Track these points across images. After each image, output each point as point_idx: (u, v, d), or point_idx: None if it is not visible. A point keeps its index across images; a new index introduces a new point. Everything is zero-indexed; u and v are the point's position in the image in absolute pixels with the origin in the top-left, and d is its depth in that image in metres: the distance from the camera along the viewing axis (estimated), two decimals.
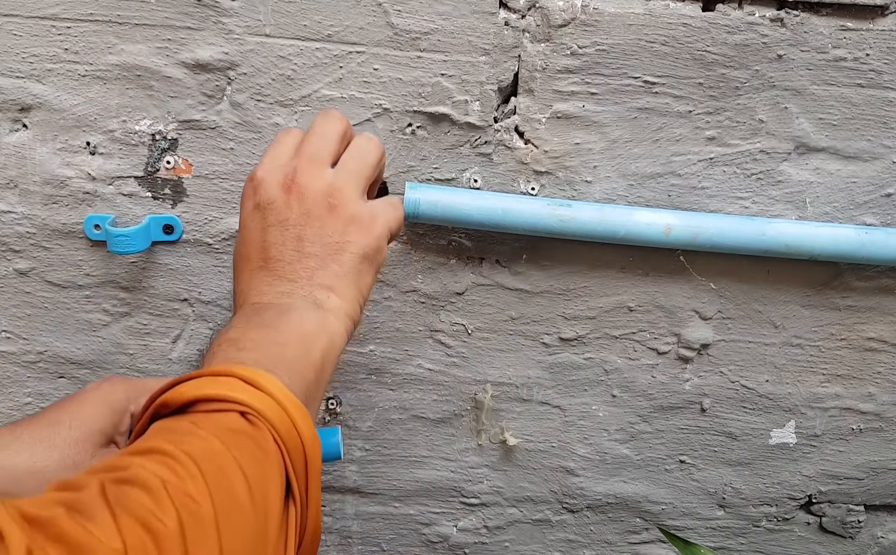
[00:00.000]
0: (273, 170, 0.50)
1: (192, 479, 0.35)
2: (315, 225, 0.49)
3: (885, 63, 0.63)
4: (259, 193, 0.50)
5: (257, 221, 0.50)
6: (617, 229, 0.63)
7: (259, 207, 0.50)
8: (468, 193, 0.63)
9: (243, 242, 0.51)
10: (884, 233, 0.66)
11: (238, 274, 0.51)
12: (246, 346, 0.45)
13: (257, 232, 0.50)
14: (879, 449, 0.78)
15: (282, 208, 0.50)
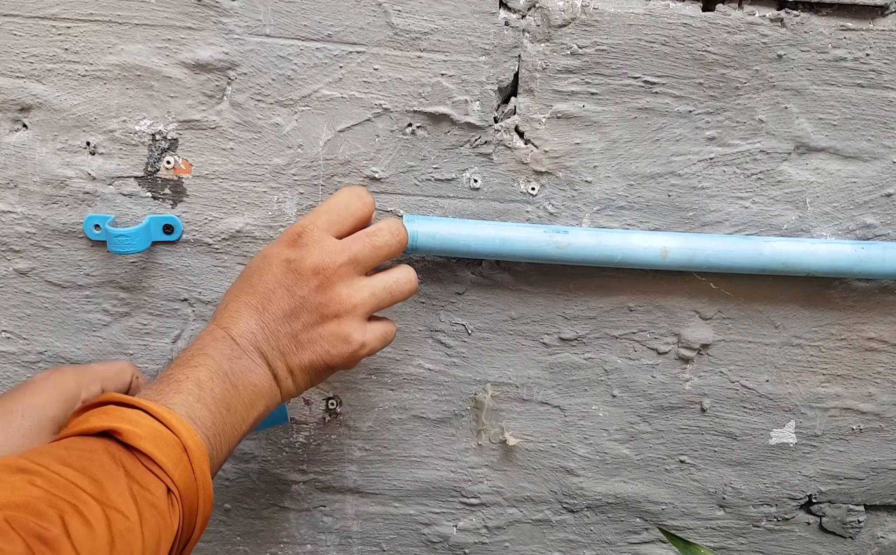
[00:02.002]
0: (322, 247, 0.53)
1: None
2: (317, 323, 0.53)
3: (885, 63, 0.63)
4: (297, 253, 0.53)
5: (279, 270, 0.53)
6: (614, 254, 0.64)
7: (290, 263, 0.53)
8: (466, 224, 0.64)
9: (258, 272, 0.54)
10: (881, 247, 0.66)
11: (238, 291, 0.55)
12: (201, 390, 0.49)
13: (272, 278, 0.53)
14: (879, 449, 0.78)
15: (303, 286, 0.53)
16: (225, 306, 0.54)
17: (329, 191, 0.66)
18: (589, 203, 0.67)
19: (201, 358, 0.50)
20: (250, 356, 0.52)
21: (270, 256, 0.54)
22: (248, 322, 0.52)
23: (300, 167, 0.65)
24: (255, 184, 0.65)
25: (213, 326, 0.53)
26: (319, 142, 0.64)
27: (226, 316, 0.53)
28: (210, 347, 0.51)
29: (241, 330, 0.52)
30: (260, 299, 0.53)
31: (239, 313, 0.53)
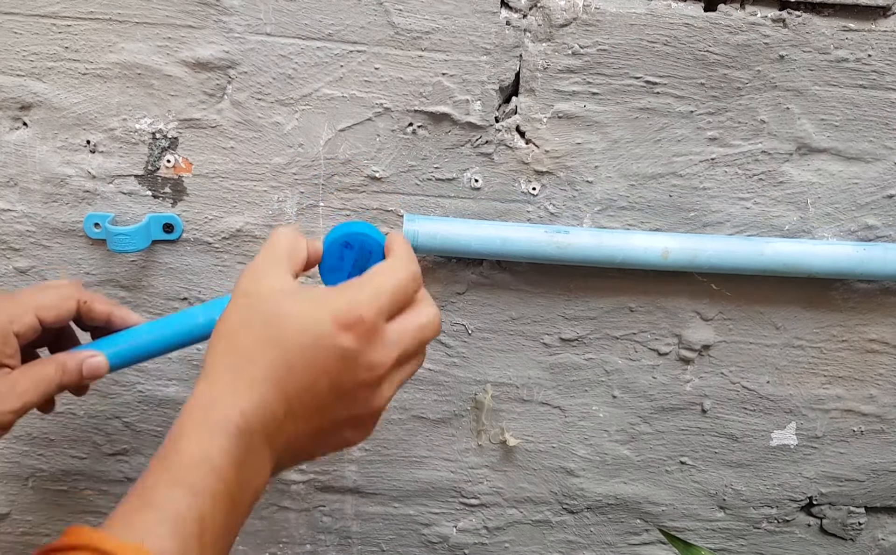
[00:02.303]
0: (383, 342, 0.44)
1: None
2: (347, 422, 0.45)
3: (887, 64, 0.63)
4: (357, 345, 0.43)
5: (330, 358, 0.43)
6: (615, 254, 0.64)
7: (345, 353, 0.43)
8: (466, 224, 0.64)
9: (299, 349, 0.42)
10: (882, 248, 0.66)
11: (264, 358, 0.42)
12: (202, 532, 0.39)
13: (318, 364, 0.43)
14: (880, 451, 0.78)
15: (349, 382, 0.44)
16: (245, 372, 0.42)
17: (330, 191, 0.66)
18: (590, 203, 0.67)
19: (204, 471, 0.40)
20: (260, 455, 0.42)
21: (320, 335, 0.42)
22: (271, 409, 0.42)
23: (301, 166, 0.65)
24: (255, 183, 0.65)
25: (227, 403, 0.41)
26: (320, 141, 0.64)
27: (244, 393, 0.42)
28: (216, 449, 0.40)
29: (259, 420, 0.42)
30: (293, 384, 0.42)
31: (263, 397, 0.42)
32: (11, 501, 0.76)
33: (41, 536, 0.78)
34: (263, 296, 0.44)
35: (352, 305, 0.43)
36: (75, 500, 0.76)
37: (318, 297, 0.44)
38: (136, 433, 0.74)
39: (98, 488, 0.76)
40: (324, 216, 0.67)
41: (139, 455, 0.75)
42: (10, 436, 0.73)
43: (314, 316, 0.43)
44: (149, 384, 0.72)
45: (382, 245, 0.49)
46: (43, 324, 0.53)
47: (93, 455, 0.74)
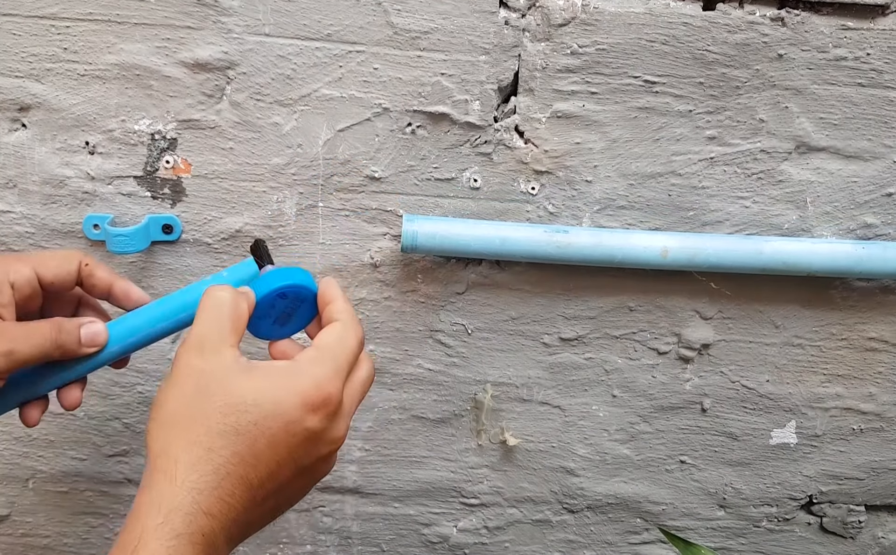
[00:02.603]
0: (345, 416, 0.45)
1: None
2: (304, 486, 0.45)
3: (885, 62, 0.63)
4: (323, 424, 0.43)
5: (296, 441, 0.42)
6: (614, 254, 0.64)
7: (311, 434, 0.42)
8: (465, 223, 0.64)
9: (268, 437, 0.41)
10: (881, 247, 0.66)
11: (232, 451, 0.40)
12: None
13: (284, 448, 0.42)
14: (880, 449, 0.78)
15: (313, 455, 0.44)
16: (208, 467, 0.40)
17: (329, 191, 0.66)
18: (589, 203, 0.67)
19: None
20: (221, 553, 0.41)
21: (290, 421, 0.41)
22: (236, 506, 0.40)
23: (300, 167, 0.65)
24: (254, 183, 0.65)
25: (190, 506, 0.38)
26: (319, 141, 0.64)
27: (209, 492, 0.39)
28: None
29: (223, 519, 0.40)
30: (258, 474, 0.41)
31: (230, 494, 0.40)
32: (11, 502, 0.76)
33: (41, 537, 0.78)
34: (217, 376, 0.42)
35: (318, 384, 0.42)
36: (75, 501, 0.76)
37: (280, 377, 0.42)
38: (135, 435, 0.74)
39: (98, 490, 0.76)
40: (323, 216, 0.67)
41: (139, 456, 0.75)
42: (10, 437, 0.73)
43: (282, 401, 0.41)
44: (149, 385, 0.72)
45: (315, 294, 0.48)
46: (41, 281, 0.49)
47: (93, 457, 0.74)
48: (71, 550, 0.79)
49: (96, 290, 0.53)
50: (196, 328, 0.44)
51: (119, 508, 0.77)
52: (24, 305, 0.49)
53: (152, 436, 0.42)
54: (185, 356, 0.43)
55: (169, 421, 0.41)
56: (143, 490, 0.40)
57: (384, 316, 0.70)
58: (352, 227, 0.67)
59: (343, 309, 0.47)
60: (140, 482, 0.41)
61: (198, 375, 0.42)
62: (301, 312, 0.49)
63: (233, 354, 0.43)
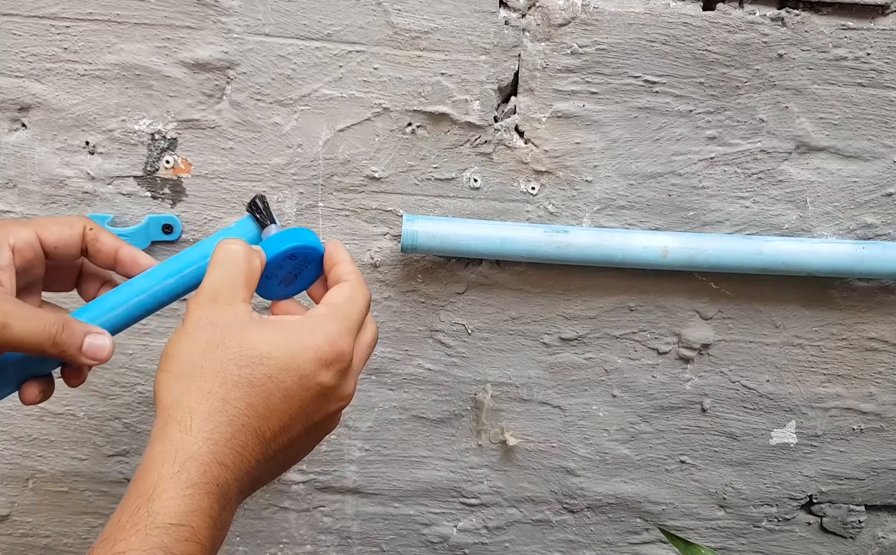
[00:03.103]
0: (355, 372, 0.46)
1: None
2: (315, 440, 0.46)
3: (885, 62, 0.63)
4: (335, 380, 0.43)
5: (310, 395, 0.43)
6: (614, 253, 0.64)
7: (323, 389, 0.43)
8: (465, 223, 0.64)
9: (281, 391, 0.41)
10: (881, 247, 0.66)
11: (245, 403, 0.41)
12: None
13: (297, 402, 0.42)
14: (880, 449, 0.78)
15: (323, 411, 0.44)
16: (223, 418, 0.40)
17: (329, 191, 0.66)
18: (589, 203, 0.67)
19: (183, 536, 0.37)
20: (233, 507, 0.41)
21: (304, 375, 0.42)
22: (248, 459, 0.41)
23: (300, 167, 0.65)
24: (254, 183, 0.65)
25: (206, 457, 0.39)
26: (319, 141, 0.64)
27: (224, 444, 0.40)
28: (195, 512, 0.37)
29: (236, 472, 0.40)
30: (271, 427, 0.41)
31: (244, 446, 0.40)
32: (11, 502, 0.76)
33: (41, 537, 0.78)
34: (231, 328, 0.42)
35: (331, 340, 0.43)
36: (75, 501, 0.76)
37: (294, 332, 0.43)
38: (136, 434, 0.74)
39: (98, 489, 0.76)
40: (323, 216, 0.67)
41: (139, 456, 0.75)
42: (10, 437, 0.73)
43: (297, 355, 0.42)
44: (148, 385, 0.72)
45: (322, 255, 0.49)
46: (44, 245, 0.47)
47: (93, 456, 0.74)
48: (71, 550, 0.79)
49: (101, 256, 0.50)
50: (209, 280, 0.43)
51: None
52: (25, 270, 0.46)
53: (164, 386, 0.41)
54: (197, 309, 0.42)
55: (182, 372, 0.41)
56: (155, 441, 0.39)
57: (384, 316, 0.70)
58: (352, 227, 0.67)
59: (351, 270, 0.47)
60: (150, 435, 0.41)
61: (211, 326, 0.42)
62: (307, 273, 0.49)
63: (246, 307, 0.43)
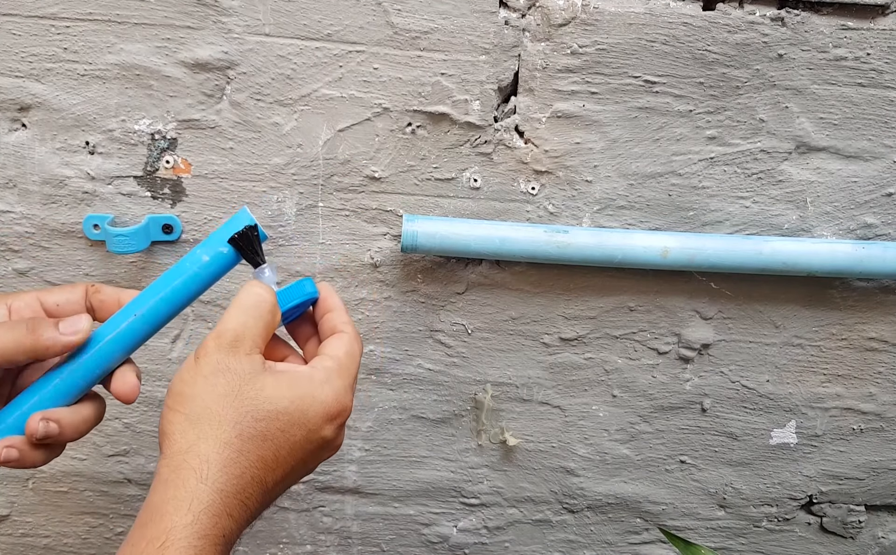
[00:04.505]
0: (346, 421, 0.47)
1: None
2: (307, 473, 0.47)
3: (885, 62, 0.63)
4: (337, 433, 0.46)
5: (313, 447, 0.44)
6: (614, 254, 0.64)
7: (325, 442, 0.45)
8: (465, 223, 0.64)
9: (289, 444, 0.43)
10: (881, 247, 0.66)
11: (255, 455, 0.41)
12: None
13: (300, 452, 0.44)
14: (880, 449, 0.78)
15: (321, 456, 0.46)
16: (235, 471, 0.40)
17: (329, 191, 0.66)
18: (589, 203, 0.67)
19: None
20: (231, 548, 0.42)
21: (311, 430, 0.44)
22: (252, 509, 0.42)
23: (300, 167, 0.65)
24: (254, 183, 0.65)
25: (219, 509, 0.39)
26: (319, 141, 0.64)
27: (235, 497, 0.40)
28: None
29: (243, 521, 0.41)
30: (275, 476, 0.43)
31: (251, 497, 0.41)
32: (11, 502, 0.76)
33: (41, 537, 0.78)
34: (250, 380, 0.42)
35: (338, 397, 0.45)
36: (75, 501, 0.76)
37: (306, 387, 0.44)
38: (136, 434, 0.74)
39: (98, 489, 0.76)
40: (323, 216, 0.67)
41: (139, 456, 0.75)
42: None
43: (308, 411, 0.43)
44: (148, 385, 0.72)
45: (316, 299, 0.49)
46: (44, 305, 0.48)
47: (93, 456, 0.74)
48: (71, 550, 0.79)
49: (106, 306, 0.51)
50: (233, 324, 0.43)
51: (119, 507, 0.77)
52: None
53: (178, 428, 0.41)
54: (217, 352, 0.43)
55: (198, 417, 0.41)
56: (169, 485, 0.39)
57: (384, 316, 0.70)
58: (352, 227, 0.67)
59: (348, 321, 0.49)
60: (158, 472, 0.40)
61: (230, 374, 0.42)
62: (298, 310, 0.50)
63: (261, 359, 0.44)
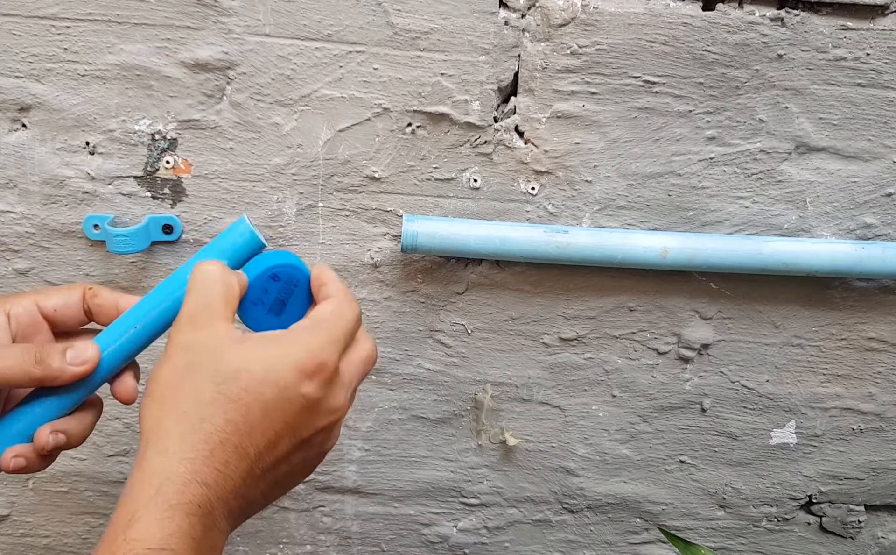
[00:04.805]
0: (341, 384, 0.44)
1: None
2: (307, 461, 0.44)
3: (885, 63, 0.63)
4: (319, 392, 0.42)
5: (293, 408, 0.41)
6: (614, 254, 0.64)
7: (308, 401, 0.41)
8: (465, 223, 0.64)
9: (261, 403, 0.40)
10: (881, 247, 0.66)
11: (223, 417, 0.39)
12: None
13: (280, 416, 0.41)
14: (880, 449, 0.78)
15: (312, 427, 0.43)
16: (200, 435, 0.39)
17: (329, 191, 0.66)
18: (589, 203, 0.67)
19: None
20: (219, 529, 0.40)
21: (284, 386, 0.40)
22: (232, 476, 0.39)
23: (300, 167, 0.65)
24: (254, 184, 0.65)
25: (183, 476, 0.38)
26: (319, 141, 0.64)
27: (203, 462, 0.38)
28: (174, 535, 0.36)
29: (219, 490, 0.39)
30: (255, 443, 0.40)
31: (225, 463, 0.39)
32: (11, 502, 0.76)
33: (41, 537, 0.78)
34: (209, 347, 0.41)
35: (311, 351, 0.41)
36: (75, 501, 0.76)
37: (272, 345, 0.41)
38: (136, 434, 0.74)
39: (98, 489, 0.76)
40: (323, 217, 0.67)
41: None
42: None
43: (276, 366, 0.40)
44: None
45: (309, 278, 0.47)
46: (42, 310, 0.48)
47: (93, 456, 0.74)
48: (71, 549, 0.79)
49: (104, 311, 0.51)
50: (186, 304, 0.43)
51: None
52: (24, 336, 0.47)
53: (146, 412, 0.41)
54: (177, 334, 0.42)
55: (161, 396, 0.40)
56: (135, 468, 0.39)
57: (384, 316, 0.70)
58: (352, 227, 0.67)
59: (338, 288, 0.46)
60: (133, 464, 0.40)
61: (189, 348, 0.41)
62: (296, 300, 0.48)
63: (225, 326, 0.42)
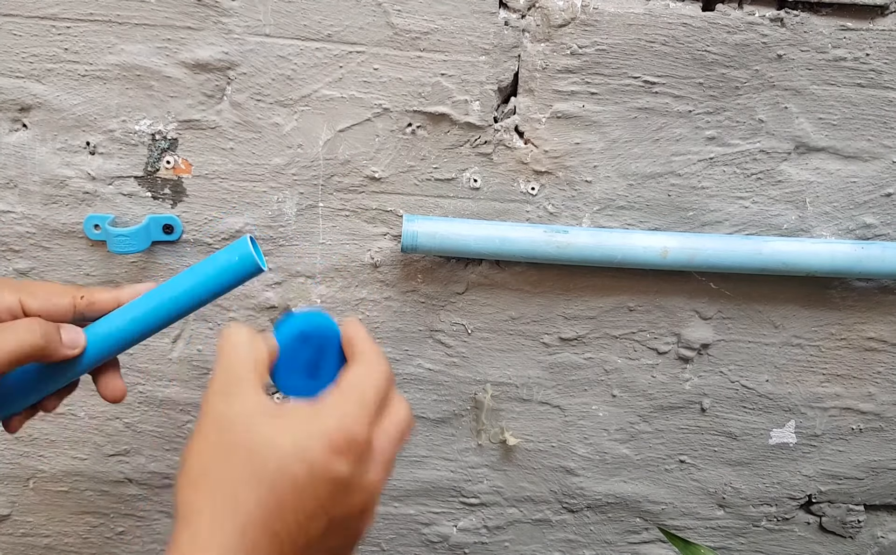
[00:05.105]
0: (376, 459, 0.41)
1: None
2: (342, 545, 0.41)
3: (885, 63, 0.63)
4: (351, 469, 0.39)
5: (325, 489, 0.39)
6: (614, 254, 0.64)
7: (339, 481, 0.39)
8: (465, 223, 0.64)
9: (292, 485, 0.38)
10: (880, 247, 0.66)
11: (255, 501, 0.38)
12: None
13: (311, 496, 0.39)
14: (879, 449, 0.78)
15: (346, 506, 0.40)
16: (231, 517, 0.38)
17: (329, 191, 0.66)
18: (589, 203, 0.67)
19: None
20: None
21: (314, 465, 0.38)
22: (262, 552, 0.38)
23: (300, 167, 0.65)
24: (254, 184, 0.65)
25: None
26: (319, 142, 0.64)
27: (233, 545, 0.37)
28: None
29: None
30: (285, 525, 0.38)
31: (255, 547, 0.37)
32: (12, 502, 0.76)
33: (42, 537, 0.78)
34: (240, 421, 0.40)
35: (341, 423, 0.39)
36: (76, 500, 0.76)
37: (302, 419, 0.40)
38: (136, 434, 0.74)
39: (99, 489, 0.76)
40: (323, 217, 0.67)
41: (139, 456, 0.75)
42: (10, 436, 0.73)
43: (304, 443, 0.38)
44: (149, 385, 0.72)
45: (339, 336, 0.46)
46: (26, 311, 0.47)
47: (93, 456, 0.74)
48: (72, 549, 0.79)
49: (99, 310, 0.50)
50: (216, 374, 0.42)
51: (120, 507, 0.77)
52: None
53: (180, 492, 0.39)
54: (206, 405, 0.41)
55: (195, 475, 0.40)
56: (171, 548, 0.38)
57: (384, 316, 0.70)
58: (352, 227, 0.67)
59: (367, 347, 0.44)
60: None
61: (221, 420, 0.40)
62: (328, 360, 0.46)
63: (256, 396, 0.41)
